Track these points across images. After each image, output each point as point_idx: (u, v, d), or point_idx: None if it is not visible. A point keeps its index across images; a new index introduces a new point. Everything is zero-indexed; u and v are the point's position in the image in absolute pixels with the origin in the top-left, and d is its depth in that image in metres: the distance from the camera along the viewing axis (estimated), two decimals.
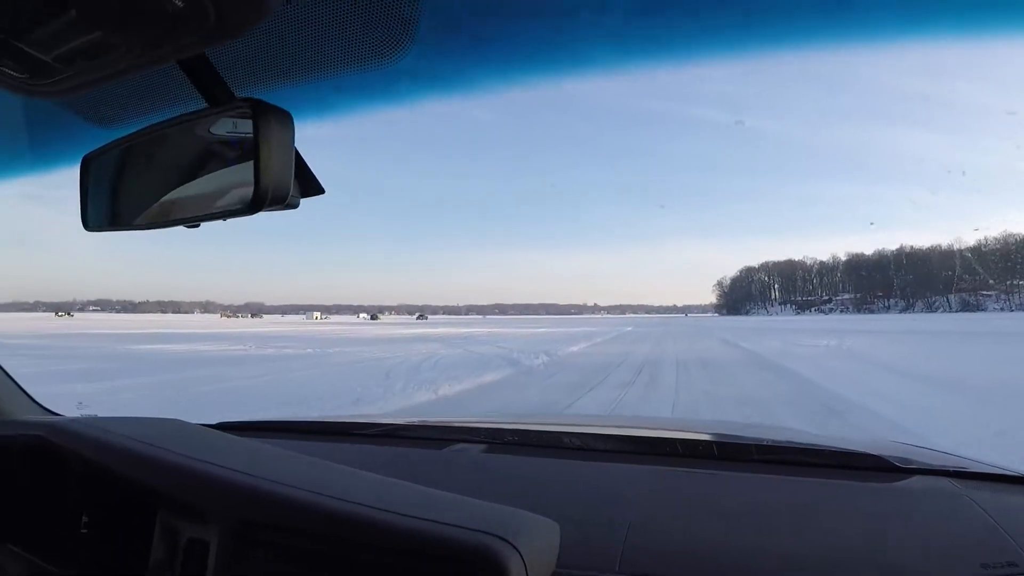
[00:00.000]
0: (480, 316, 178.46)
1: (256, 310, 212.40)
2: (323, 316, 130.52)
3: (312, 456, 0.88)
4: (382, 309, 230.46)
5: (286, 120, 0.55)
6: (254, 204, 0.53)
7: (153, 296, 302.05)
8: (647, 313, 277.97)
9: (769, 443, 1.12)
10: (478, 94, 0.87)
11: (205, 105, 0.60)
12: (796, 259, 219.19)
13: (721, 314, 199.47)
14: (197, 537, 0.76)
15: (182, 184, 0.63)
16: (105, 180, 0.69)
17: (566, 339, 24.05)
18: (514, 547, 0.59)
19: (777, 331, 32.87)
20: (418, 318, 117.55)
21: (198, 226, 0.63)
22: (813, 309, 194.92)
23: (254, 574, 0.70)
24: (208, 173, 0.61)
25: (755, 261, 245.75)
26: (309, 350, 18.27)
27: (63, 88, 0.58)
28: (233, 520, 0.73)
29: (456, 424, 1.37)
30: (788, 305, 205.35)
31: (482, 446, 1.19)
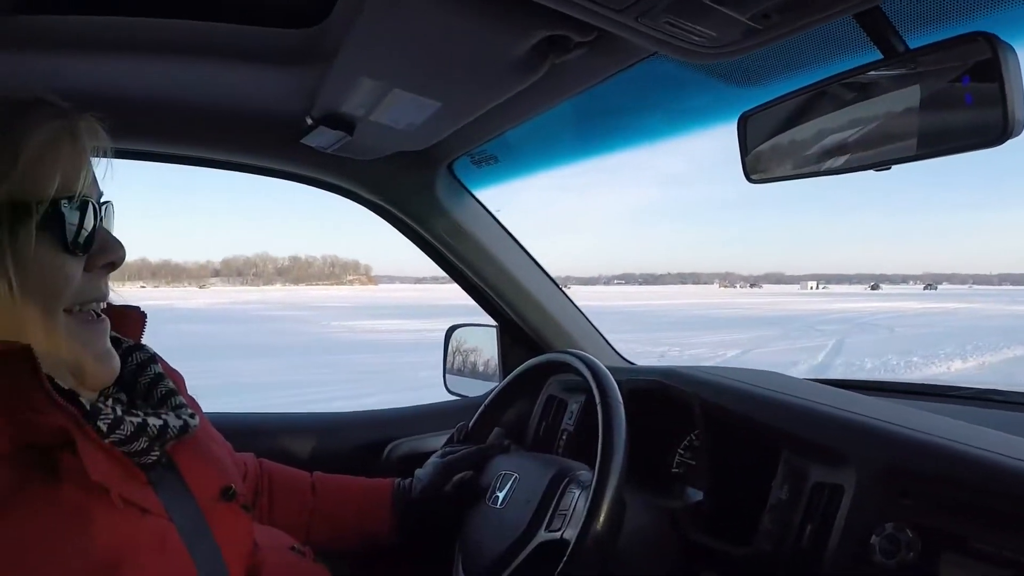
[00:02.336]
0: (1012, 287, 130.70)
1: (776, 280, 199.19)
2: (821, 286, 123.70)
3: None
4: (935, 279, 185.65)
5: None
6: (1002, 136, 0.54)
7: (675, 269, 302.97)
8: None
9: None
10: None
11: (880, 56, 0.61)
12: None
13: None
14: (827, 481, 0.78)
15: (870, 130, 0.64)
16: (768, 134, 0.73)
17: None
18: None
19: None
20: (925, 288, 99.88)
21: (889, 168, 0.65)
22: None
23: (893, 521, 0.70)
24: (903, 117, 0.61)
25: None
26: None
27: (743, 47, 0.59)
28: (878, 466, 0.73)
29: None
30: None
31: None
